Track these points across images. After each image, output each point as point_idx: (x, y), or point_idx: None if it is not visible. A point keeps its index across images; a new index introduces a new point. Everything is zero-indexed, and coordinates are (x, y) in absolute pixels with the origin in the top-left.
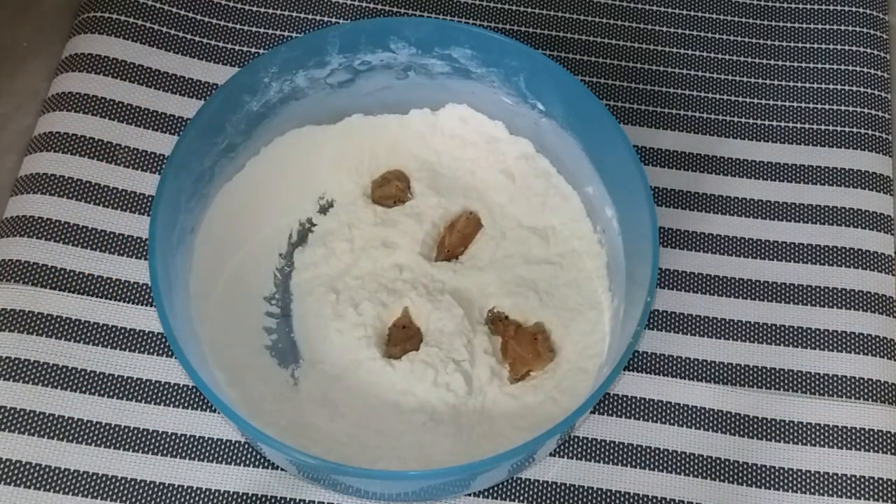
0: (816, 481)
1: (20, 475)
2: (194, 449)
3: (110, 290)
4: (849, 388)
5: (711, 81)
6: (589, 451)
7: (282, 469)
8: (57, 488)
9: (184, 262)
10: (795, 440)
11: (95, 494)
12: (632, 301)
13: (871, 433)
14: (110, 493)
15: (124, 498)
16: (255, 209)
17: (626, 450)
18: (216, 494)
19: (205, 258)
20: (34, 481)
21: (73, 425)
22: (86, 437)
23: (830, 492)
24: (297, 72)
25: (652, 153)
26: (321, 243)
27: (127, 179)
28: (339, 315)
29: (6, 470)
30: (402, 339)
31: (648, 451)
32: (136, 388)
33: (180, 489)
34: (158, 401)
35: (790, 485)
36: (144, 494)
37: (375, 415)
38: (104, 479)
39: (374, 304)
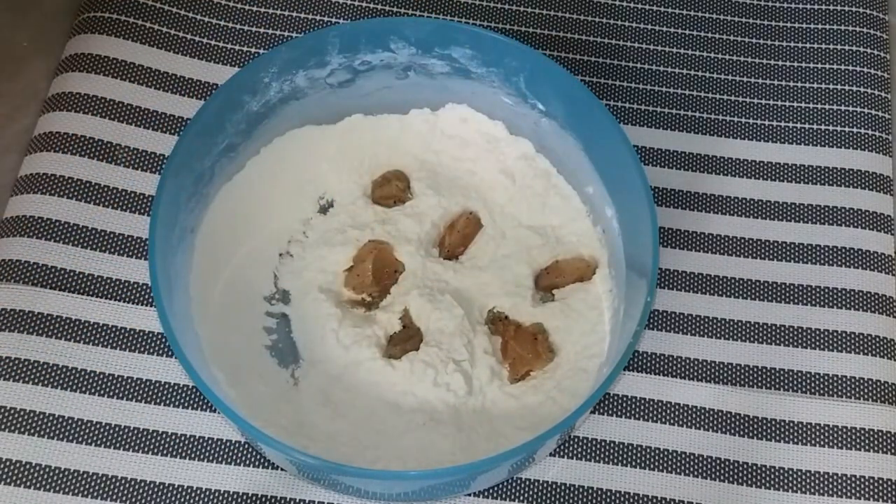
0: (816, 481)
1: (20, 475)
2: (194, 449)
3: (110, 290)
4: (849, 388)
5: (711, 81)
6: (589, 451)
7: (282, 469)
8: (56, 488)
9: (184, 262)
10: (795, 440)
11: (95, 494)
12: (632, 301)
13: (871, 433)
14: (110, 493)
15: (124, 498)
16: (255, 209)
17: (626, 450)
18: (216, 494)
19: (205, 258)
20: (34, 481)
21: (73, 425)
22: (85, 437)
23: (830, 492)
24: (298, 72)
25: (652, 153)
26: (321, 243)
27: (127, 179)
28: (339, 315)
29: (6, 470)
30: (402, 339)
31: (648, 451)
32: (136, 387)
33: (180, 489)
34: (158, 401)
35: (790, 485)
36: (144, 494)
37: (375, 415)
38: (104, 479)
39: (374, 305)
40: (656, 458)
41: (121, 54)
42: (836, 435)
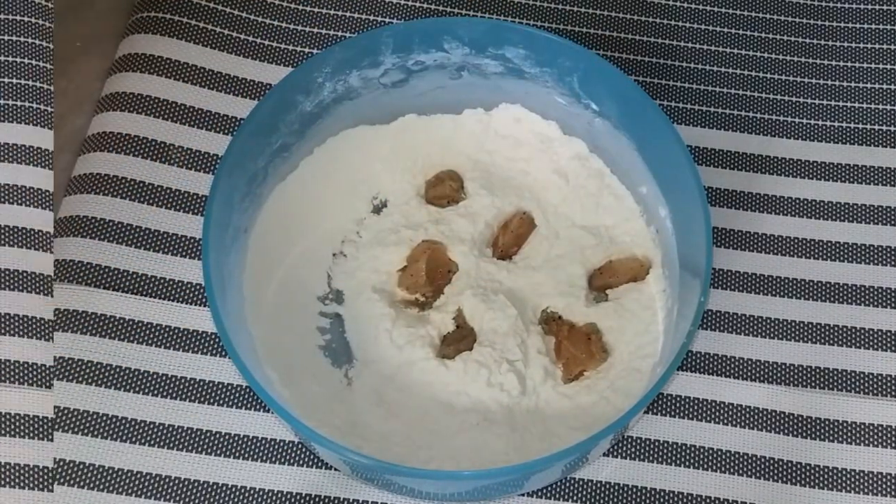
0: (871, 481)
1: (75, 475)
2: (248, 449)
3: (164, 290)
4: None
5: (763, 81)
6: (642, 450)
7: (335, 469)
8: (111, 488)
9: (237, 262)
10: (850, 440)
11: (149, 494)
12: (685, 301)
13: None
14: (163, 493)
15: (178, 498)
16: (309, 209)
17: (679, 450)
18: (269, 494)
19: (258, 258)
20: (87, 481)
21: (127, 425)
22: (140, 437)
23: (885, 492)
24: (351, 72)
25: (704, 153)
26: (374, 243)
27: (180, 179)
28: (392, 315)
29: (62, 470)
30: (456, 339)
31: (702, 451)
32: (190, 388)
33: (234, 489)
34: (212, 401)
35: (844, 485)
36: (198, 494)
37: (429, 415)
38: (157, 479)
39: (428, 305)
40: (710, 458)
41: (174, 54)
42: (891, 435)
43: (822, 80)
